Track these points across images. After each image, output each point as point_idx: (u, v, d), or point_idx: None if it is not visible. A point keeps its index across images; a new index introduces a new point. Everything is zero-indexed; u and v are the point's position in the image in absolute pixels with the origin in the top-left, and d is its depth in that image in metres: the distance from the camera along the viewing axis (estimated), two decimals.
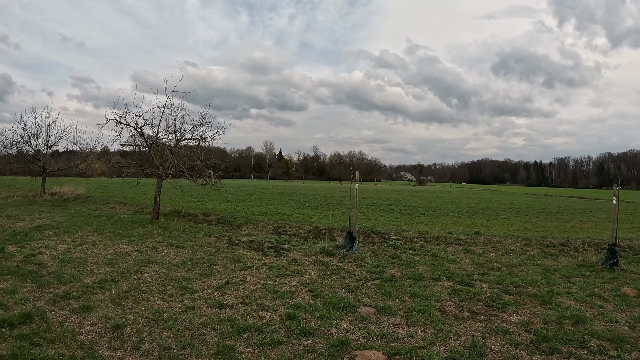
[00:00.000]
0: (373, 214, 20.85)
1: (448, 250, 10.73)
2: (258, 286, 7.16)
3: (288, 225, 14.06)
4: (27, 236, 11.34)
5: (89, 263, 8.72)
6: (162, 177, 15.52)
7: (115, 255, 9.53)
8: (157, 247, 10.30)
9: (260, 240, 11.43)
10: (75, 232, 12.31)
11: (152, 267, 8.37)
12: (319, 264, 8.96)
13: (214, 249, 10.41)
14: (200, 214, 16.93)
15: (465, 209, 26.96)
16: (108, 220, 14.86)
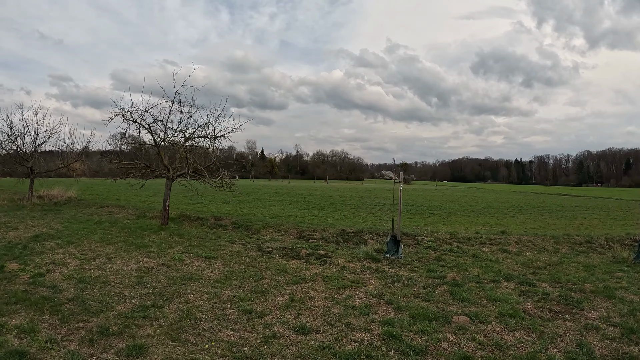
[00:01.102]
0: (384, 214, 20.03)
1: (485, 251, 10.50)
2: (328, 302, 6.39)
3: (312, 228, 13.18)
4: (27, 249, 9.77)
5: (114, 283, 7.35)
6: (172, 178, 14.00)
7: (141, 271, 8.18)
8: (184, 259, 9.12)
9: (293, 247, 10.63)
10: (80, 242, 10.77)
11: (193, 285, 7.22)
12: (372, 272, 8.32)
13: (248, 258, 9.45)
14: (211, 217, 15.58)
15: (469, 207, 26.70)
16: (112, 227, 13.29)
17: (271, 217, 16.99)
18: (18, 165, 18.93)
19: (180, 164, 14.45)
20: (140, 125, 13.39)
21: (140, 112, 13.16)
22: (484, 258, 9.66)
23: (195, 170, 14.14)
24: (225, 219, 15.54)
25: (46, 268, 8.24)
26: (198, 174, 14.05)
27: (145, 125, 13.46)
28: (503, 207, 27.51)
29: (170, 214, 15.90)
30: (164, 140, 13.85)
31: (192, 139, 14.17)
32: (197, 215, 15.94)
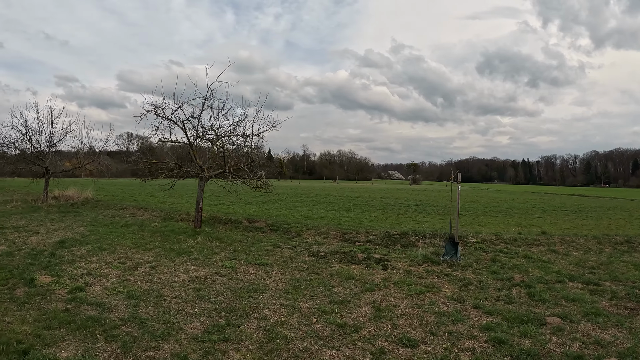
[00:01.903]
0: (413, 215, 18.89)
1: (534, 252, 10.23)
2: (415, 309, 5.95)
3: (354, 231, 12.26)
4: (55, 257, 8.54)
5: (170, 298, 6.23)
6: (205, 178, 12.75)
7: (195, 282, 7.05)
8: (236, 267, 8.12)
9: (344, 250, 9.87)
10: (113, 248, 9.57)
11: (263, 298, 6.33)
12: (438, 275, 7.89)
13: (304, 264, 8.59)
14: (244, 220, 14.37)
15: (492, 208, 25.59)
16: (141, 230, 12.05)
17: (304, 218, 15.88)
18: (32, 164, 17.65)
19: (213, 162, 13.22)
20: (172, 123, 12.20)
21: (173, 109, 11.92)
22: (536, 259, 9.38)
23: (230, 171, 12.89)
24: (259, 221, 14.41)
25: (84, 280, 7.04)
26: (235, 174, 12.78)
27: (179, 123, 12.19)
28: (525, 207, 26.63)
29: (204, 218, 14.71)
30: (198, 138, 12.64)
31: (227, 137, 12.87)
32: (229, 217, 14.73)
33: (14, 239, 10.25)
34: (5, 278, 6.98)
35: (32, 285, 6.67)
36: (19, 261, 8.15)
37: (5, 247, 9.26)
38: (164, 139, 12.53)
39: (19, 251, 8.97)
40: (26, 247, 9.35)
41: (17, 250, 9.01)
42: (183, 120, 12.16)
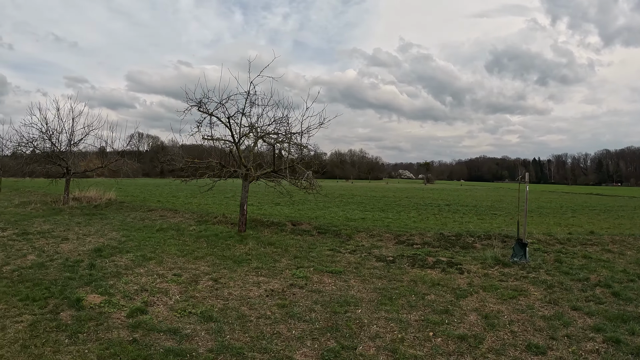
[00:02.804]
0: (449, 214, 17.67)
1: (590, 251, 9.79)
2: (518, 314, 5.59)
3: (408, 233, 11.39)
4: (95, 269, 7.20)
5: (254, 318, 5.20)
6: (249, 179, 11.44)
7: (274, 296, 6.09)
8: (308, 276, 7.20)
9: (408, 254, 9.13)
10: (159, 257, 8.28)
11: (362, 311, 5.55)
12: (518, 278, 7.39)
13: (377, 270, 7.80)
14: (288, 222, 13.10)
15: (531, 208, 24.54)
16: (181, 235, 10.75)
17: (346, 220, 14.56)
18: (53, 164, 16.31)
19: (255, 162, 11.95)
20: (216, 119, 11.02)
21: (216, 104, 10.79)
22: (596, 259, 9.03)
23: (277, 171, 11.59)
24: (304, 224, 13.18)
25: (141, 299, 5.73)
26: (283, 175, 11.48)
27: (224, 119, 10.96)
28: (553, 206, 25.41)
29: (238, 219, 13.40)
30: (244, 136, 11.42)
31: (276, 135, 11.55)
32: (270, 220, 13.35)
33: (42, 246, 8.91)
34: (44, 297, 5.63)
35: (79, 307, 5.33)
36: (54, 274, 6.81)
37: (35, 257, 7.92)
38: (206, 136, 11.22)
39: (52, 262, 7.62)
40: (58, 257, 8.01)
41: (50, 261, 7.66)
42: (229, 117, 10.91)
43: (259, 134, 11.67)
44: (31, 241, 9.39)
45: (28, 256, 7.98)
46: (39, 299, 5.60)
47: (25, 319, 4.90)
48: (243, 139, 11.53)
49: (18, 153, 16.57)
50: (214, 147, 12.79)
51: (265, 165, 12.09)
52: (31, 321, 4.82)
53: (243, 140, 11.60)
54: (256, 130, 11.79)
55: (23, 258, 7.82)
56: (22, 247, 8.79)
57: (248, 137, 11.58)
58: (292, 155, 11.86)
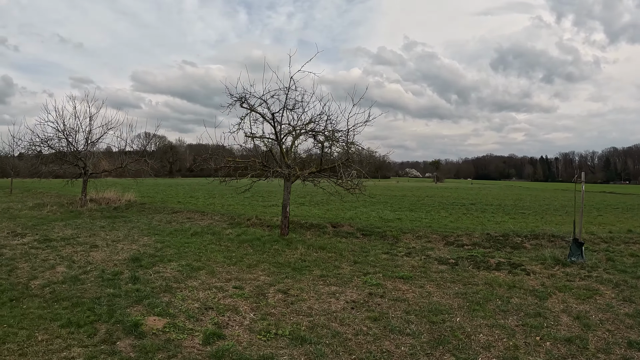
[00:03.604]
0: (481, 214, 16.72)
1: (635, 249, 9.40)
2: (605, 313, 5.30)
3: (455, 233, 10.88)
4: (140, 282, 6.16)
5: (350, 335, 4.49)
6: (291, 179, 10.41)
7: (360, 308, 5.40)
8: (381, 284, 6.55)
9: (464, 255, 8.64)
10: (208, 266, 7.33)
11: (460, 320, 5.05)
12: (584, 278, 7.06)
13: (444, 273, 7.30)
14: (327, 224, 12.07)
15: (544, 206, 23.24)
16: (219, 240, 9.78)
17: (383, 221, 13.62)
18: (70, 165, 15.21)
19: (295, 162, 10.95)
20: (259, 115, 10.07)
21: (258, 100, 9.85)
22: None
23: (322, 170, 10.65)
24: (345, 226, 12.26)
25: (211, 320, 4.78)
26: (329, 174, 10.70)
27: (268, 115, 9.99)
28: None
29: (278, 222, 12.36)
30: (289, 133, 10.50)
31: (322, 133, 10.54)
32: (309, 221, 12.33)
33: (70, 255, 7.81)
34: (90, 322, 4.56)
35: (139, 333, 4.27)
36: (94, 290, 5.71)
37: (65, 269, 6.82)
38: (249, 134, 10.23)
39: (86, 275, 6.52)
40: (92, 268, 6.91)
41: (84, 274, 6.57)
42: (274, 113, 9.91)
43: (300, 132, 10.66)
44: (56, 249, 8.30)
45: (57, 268, 6.88)
46: (84, 324, 4.52)
47: (76, 353, 3.83)
48: (285, 137, 10.50)
49: (31, 153, 15.43)
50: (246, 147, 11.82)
51: (310, 165, 11.07)
52: (84, 356, 3.73)
53: (285, 139, 10.56)
54: (299, 128, 10.79)
55: (52, 270, 6.72)
56: (47, 256, 7.70)
57: (293, 134, 10.55)
58: (336, 153, 10.80)
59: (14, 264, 7.09)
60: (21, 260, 7.37)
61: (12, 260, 7.30)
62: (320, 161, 10.62)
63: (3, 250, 8.16)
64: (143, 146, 16.11)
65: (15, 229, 10.60)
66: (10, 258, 7.49)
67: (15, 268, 6.81)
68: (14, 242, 8.95)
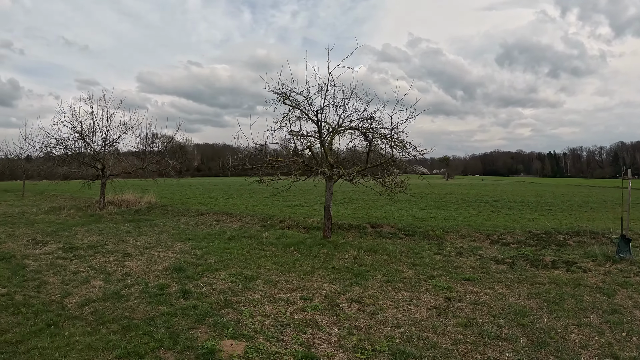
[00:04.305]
0: (509, 211, 15.89)
1: None
2: None
3: (497, 232, 10.53)
4: (193, 297, 5.37)
5: (451, 345, 4.09)
6: (334, 178, 9.65)
7: (444, 314, 4.98)
8: (452, 287, 6.12)
9: (514, 254, 8.28)
10: (262, 274, 6.59)
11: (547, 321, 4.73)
12: (636, 274, 6.71)
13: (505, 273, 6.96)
14: (367, 225, 11.26)
15: (566, 202, 22.44)
16: (260, 244, 9.03)
17: (415, 219, 12.93)
18: (88, 166, 14.36)
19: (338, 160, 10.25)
20: (302, 113, 9.42)
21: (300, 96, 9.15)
22: None
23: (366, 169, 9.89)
24: (384, 226, 11.41)
25: (293, 339, 4.13)
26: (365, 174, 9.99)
27: (312, 112, 9.30)
28: (596, 200, 23.73)
29: (315, 224, 11.53)
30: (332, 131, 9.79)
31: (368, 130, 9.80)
32: (346, 222, 11.52)
33: (103, 266, 6.96)
34: (151, 349, 3.78)
35: None
36: (143, 309, 4.86)
37: (102, 283, 5.97)
38: (293, 132, 9.54)
39: (128, 289, 5.67)
40: (133, 281, 6.07)
41: (125, 288, 5.71)
42: (318, 110, 9.18)
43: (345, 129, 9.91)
44: (85, 259, 7.45)
45: (92, 281, 6.03)
46: (144, 353, 3.72)
47: None
48: (328, 136, 9.75)
49: (46, 155, 14.59)
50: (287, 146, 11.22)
51: (347, 164, 10.34)
52: None
53: (328, 137, 9.79)
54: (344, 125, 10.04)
55: (87, 285, 5.87)
56: (77, 268, 6.84)
57: (335, 133, 9.82)
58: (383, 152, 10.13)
59: (41, 277, 6.24)
60: (49, 273, 6.52)
61: (39, 274, 6.45)
62: (366, 160, 9.81)
63: (26, 261, 7.31)
64: (164, 146, 15.18)
65: (34, 236, 9.77)
66: (35, 270, 6.64)
67: (44, 283, 5.96)
68: (36, 252, 8.10)
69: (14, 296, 5.33)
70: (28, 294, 5.43)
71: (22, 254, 7.84)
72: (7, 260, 7.39)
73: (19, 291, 5.55)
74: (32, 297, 5.30)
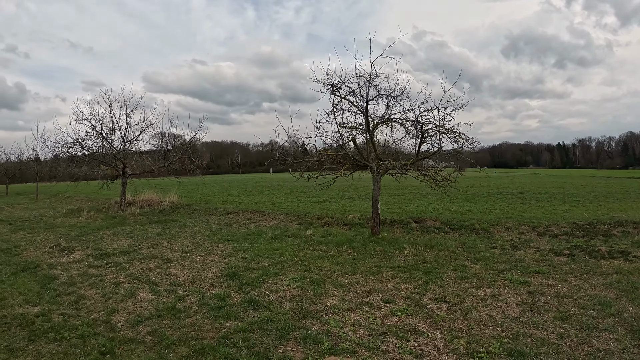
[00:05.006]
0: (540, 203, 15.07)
1: None
2: None
3: (543, 224, 10.12)
4: (263, 307, 4.67)
5: (557, 340, 3.80)
6: (381, 172, 9.16)
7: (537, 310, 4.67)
8: (528, 281, 5.77)
9: (575, 245, 7.99)
10: (327, 277, 5.89)
11: None
12: None
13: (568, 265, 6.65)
14: (410, 220, 10.52)
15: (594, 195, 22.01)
16: (308, 243, 8.39)
17: (452, 213, 12.33)
18: (107, 166, 13.57)
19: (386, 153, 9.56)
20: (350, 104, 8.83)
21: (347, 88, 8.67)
22: None
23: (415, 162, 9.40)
24: (428, 220, 10.76)
25: (399, 348, 3.66)
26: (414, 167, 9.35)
27: (360, 104, 8.76)
28: (619, 191, 22.97)
29: (356, 219, 10.71)
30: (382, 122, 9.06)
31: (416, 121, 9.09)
32: (388, 218, 10.73)
33: (146, 274, 6.18)
34: None
35: None
36: (212, 326, 4.13)
37: (150, 294, 5.17)
38: (343, 124, 8.98)
39: (183, 302, 4.89)
40: (186, 292, 5.30)
41: (179, 301, 4.93)
42: (368, 100, 8.67)
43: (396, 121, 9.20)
44: (122, 267, 6.65)
45: (138, 293, 5.21)
46: None
47: None
48: (376, 128, 9.11)
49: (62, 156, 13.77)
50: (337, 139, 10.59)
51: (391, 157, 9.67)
52: None
53: (376, 129, 9.15)
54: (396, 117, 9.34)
55: (133, 298, 5.06)
56: (116, 278, 6.04)
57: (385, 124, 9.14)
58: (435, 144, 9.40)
59: (76, 291, 5.44)
60: (84, 285, 5.72)
61: (72, 286, 5.64)
62: (416, 152, 9.12)
63: (54, 271, 6.51)
64: (188, 144, 14.30)
65: (58, 242, 8.99)
66: (68, 283, 5.83)
67: (82, 298, 5.16)
68: (63, 260, 7.31)
69: (50, 316, 4.52)
70: (66, 313, 4.63)
71: (48, 263, 7.05)
72: (33, 270, 6.58)
73: (55, 310, 4.74)
74: (72, 317, 4.50)
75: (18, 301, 5.02)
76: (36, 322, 4.34)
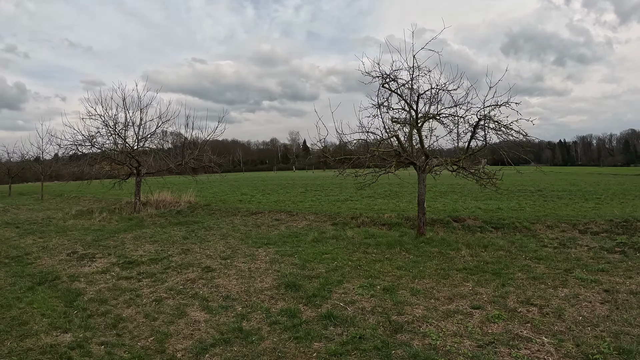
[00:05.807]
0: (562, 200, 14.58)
1: None
2: None
3: (582, 221, 9.74)
4: (342, 323, 3.98)
5: None
6: (427, 170, 8.73)
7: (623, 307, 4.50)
8: (597, 279, 5.54)
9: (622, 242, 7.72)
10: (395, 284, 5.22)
11: None
12: None
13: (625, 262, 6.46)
14: (449, 218, 10.21)
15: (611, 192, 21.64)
16: (355, 245, 7.85)
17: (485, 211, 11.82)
18: (120, 164, 12.71)
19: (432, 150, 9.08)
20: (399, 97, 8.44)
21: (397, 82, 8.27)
22: None
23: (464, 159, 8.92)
24: (467, 219, 10.27)
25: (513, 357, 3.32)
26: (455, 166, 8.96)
27: (409, 98, 8.39)
28: (636, 189, 23.30)
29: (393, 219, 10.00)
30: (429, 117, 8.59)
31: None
32: (428, 217, 10.10)
33: (191, 288, 5.42)
34: None
35: None
36: (296, 350, 3.63)
37: (204, 313, 4.49)
38: (393, 118, 8.57)
39: (247, 320, 4.30)
40: (246, 309, 4.65)
41: (242, 319, 4.30)
42: (419, 95, 8.29)
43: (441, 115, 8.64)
44: (157, 278, 5.86)
45: (189, 312, 4.43)
46: None
47: None
48: (424, 123, 8.61)
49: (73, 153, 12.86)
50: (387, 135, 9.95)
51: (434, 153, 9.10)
52: None
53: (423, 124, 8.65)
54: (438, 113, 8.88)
55: (184, 318, 4.31)
56: (155, 293, 5.22)
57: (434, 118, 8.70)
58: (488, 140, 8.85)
59: (111, 310, 4.60)
60: (118, 302, 4.88)
61: (105, 304, 4.81)
62: (466, 149, 8.71)
63: (77, 284, 5.68)
64: (205, 142, 13.44)
65: (74, 248, 8.17)
66: (98, 299, 4.98)
67: (120, 319, 4.33)
68: (85, 269, 6.48)
69: (89, 347, 3.68)
70: (107, 341, 3.80)
71: (68, 274, 6.22)
72: (52, 283, 5.74)
73: (91, 337, 3.90)
74: (116, 347, 3.69)
75: (43, 326, 4.15)
76: (73, 356, 3.52)
